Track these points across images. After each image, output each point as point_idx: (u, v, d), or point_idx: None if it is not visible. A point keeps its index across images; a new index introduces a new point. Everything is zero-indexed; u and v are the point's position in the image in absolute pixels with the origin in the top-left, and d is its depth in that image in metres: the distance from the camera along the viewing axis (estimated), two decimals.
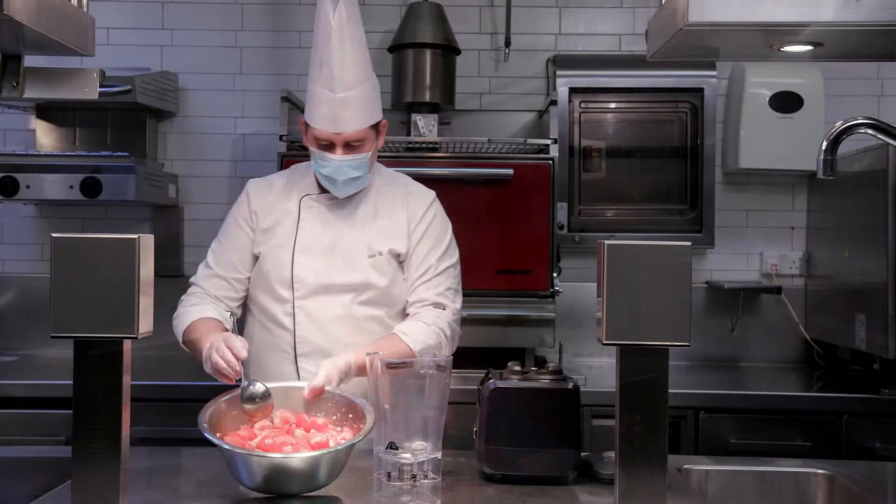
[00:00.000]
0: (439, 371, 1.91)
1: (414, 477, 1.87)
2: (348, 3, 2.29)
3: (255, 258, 2.41)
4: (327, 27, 2.26)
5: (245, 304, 2.47)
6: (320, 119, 2.28)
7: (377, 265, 2.36)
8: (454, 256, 2.48)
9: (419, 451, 1.88)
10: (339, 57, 2.25)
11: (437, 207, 2.48)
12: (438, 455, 1.90)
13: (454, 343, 2.43)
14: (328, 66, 2.25)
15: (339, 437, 1.92)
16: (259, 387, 1.99)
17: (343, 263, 2.35)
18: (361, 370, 2.15)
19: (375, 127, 2.36)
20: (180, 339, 2.36)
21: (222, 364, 2.07)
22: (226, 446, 1.79)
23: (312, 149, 2.34)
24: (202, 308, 2.35)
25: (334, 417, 2.00)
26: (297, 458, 1.78)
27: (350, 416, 1.98)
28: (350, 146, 2.30)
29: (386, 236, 2.38)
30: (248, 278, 2.42)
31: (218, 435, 1.85)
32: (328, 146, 2.30)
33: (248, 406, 1.98)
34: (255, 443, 1.87)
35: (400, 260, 2.41)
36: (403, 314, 2.43)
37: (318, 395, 2.02)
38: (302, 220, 2.39)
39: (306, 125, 2.36)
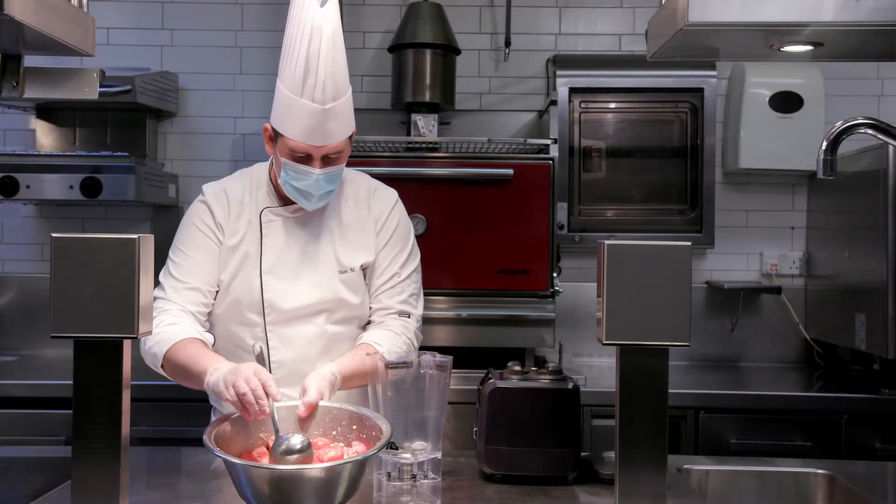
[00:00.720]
0: (439, 371, 1.91)
1: (414, 477, 1.87)
2: (335, 6, 2.11)
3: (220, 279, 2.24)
4: (318, 34, 2.05)
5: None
6: (302, 131, 2.09)
7: (349, 282, 2.25)
8: (416, 259, 2.36)
9: (419, 451, 1.88)
10: (330, 67, 2.06)
11: (401, 209, 2.35)
12: (438, 455, 1.90)
13: (417, 349, 2.31)
14: (316, 75, 2.05)
15: (350, 451, 1.82)
16: (297, 439, 1.77)
17: (313, 283, 2.22)
18: (345, 381, 2.08)
19: (350, 136, 2.20)
20: (159, 362, 2.13)
21: (250, 398, 1.84)
22: (236, 461, 1.68)
23: (285, 160, 2.13)
24: (183, 328, 2.14)
25: (334, 433, 1.89)
26: (315, 468, 1.66)
27: (355, 427, 1.88)
28: (328, 159, 2.13)
29: (355, 249, 2.26)
30: (217, 291, 2.24)
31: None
32: (304, 158, 2.12)
33: (288, 458, 1.75)
34: None
35: (364, 267, 2.29)
36: (367, 323, 2.33)
37: (313, 410, 1.90)
38: (265, 236, 2.23)
39: (275, 133, 2.16)
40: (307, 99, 2.07)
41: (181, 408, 3.04)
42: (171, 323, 2.14)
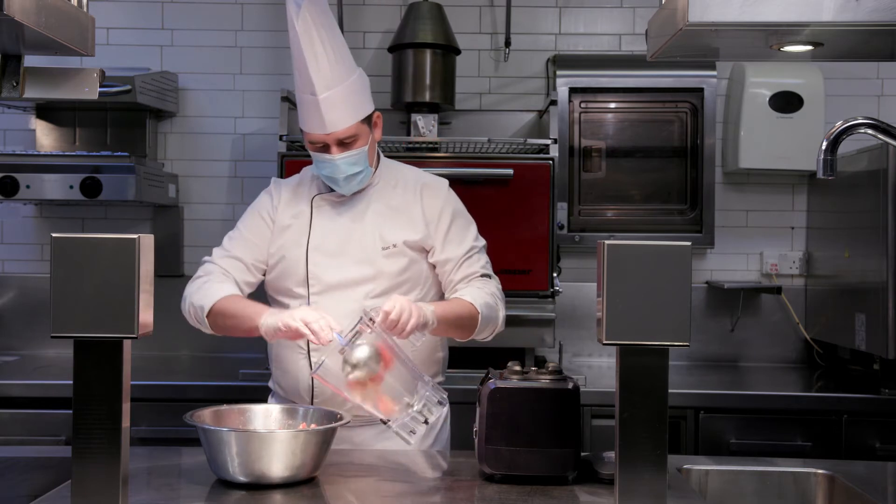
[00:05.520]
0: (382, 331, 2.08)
1: (426, 421, 2.04)
2: (312, 2, 2.27)
3: (270, 254, 2.44)
4: (294, 33, 2.26)
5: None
6: (308, 122, 2.31)
7: (391, 255, 2.38)
8: (481, 237, 2.54)
9: (418, 401, 2.03)
10: (311, 61, 2.26)
11: (453, 194, 2.51)
12: (429, 388, 2.05)
13: (504, 308, 2.45)
14: (304, 70, 2.27)
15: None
16: (364, 349, 2.06)
17: (356, 259, 2.37)
18: (441, 323, 2.24)
19: (368, 120, 2.37)
20: (204, 312, 2.31)
21: (318, 326, 2.12)
22: (199, 424, 1.89)
23: (311, 152, 2.36)
24: (230, 286, 2.37)
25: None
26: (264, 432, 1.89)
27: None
28: (343, 144, 2.31)
29: (399, 227, 2.39)
30: (264, 268, 2.44)
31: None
32: (323, 147, 2.32)
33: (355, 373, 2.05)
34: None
35: (426, 248, 2.41)
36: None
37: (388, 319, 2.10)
38: (314, 218, 2.41)
39: (301, 131, 2.39)
40: (305, 93, 2.30)
41: (181, 408, 3.01)
42: (219, 280, 2.37)
